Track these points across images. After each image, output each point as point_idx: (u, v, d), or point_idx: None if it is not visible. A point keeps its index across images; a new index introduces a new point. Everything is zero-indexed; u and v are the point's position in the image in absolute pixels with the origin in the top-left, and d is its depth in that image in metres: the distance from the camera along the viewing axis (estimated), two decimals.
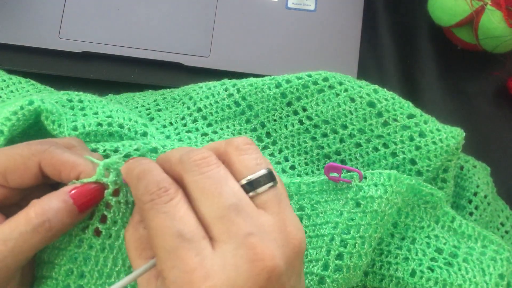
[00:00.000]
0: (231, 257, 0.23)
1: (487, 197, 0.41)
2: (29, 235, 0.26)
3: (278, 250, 0.23)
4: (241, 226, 0.23)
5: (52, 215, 0.26)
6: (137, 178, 0.25)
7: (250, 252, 0.23)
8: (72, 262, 0.28)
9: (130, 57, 0.47)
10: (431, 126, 0.37)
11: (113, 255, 0.29)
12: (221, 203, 0.24)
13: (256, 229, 0.23)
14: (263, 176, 0.25)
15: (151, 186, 0.24)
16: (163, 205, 0.24)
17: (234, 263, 0.23)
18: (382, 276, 0.34)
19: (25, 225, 0.26)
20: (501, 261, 0.34)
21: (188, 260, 0.23)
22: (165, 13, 0.48)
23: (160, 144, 0.34)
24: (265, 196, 0.25)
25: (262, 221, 0.24)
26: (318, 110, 0.38)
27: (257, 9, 0.49)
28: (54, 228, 0.26)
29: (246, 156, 0.26)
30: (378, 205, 0.31)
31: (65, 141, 0.30)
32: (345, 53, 0.49)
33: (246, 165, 0.25)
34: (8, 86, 0.44)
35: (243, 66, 0.47)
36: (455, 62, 0.52)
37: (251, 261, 0.23)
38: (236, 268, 0.23)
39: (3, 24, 0.47)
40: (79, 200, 0.27)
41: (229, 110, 0.40)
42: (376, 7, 0.53)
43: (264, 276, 0.23)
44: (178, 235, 0.23)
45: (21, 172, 0.27)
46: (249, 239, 0.23)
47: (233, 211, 0.24)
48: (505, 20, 0.44)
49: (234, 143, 0.26)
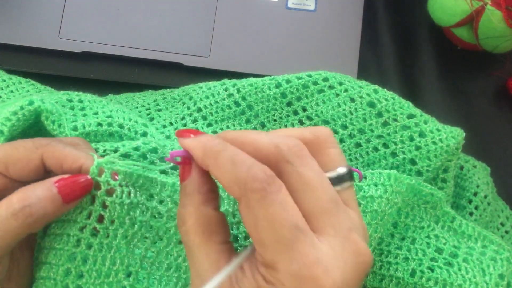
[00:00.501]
0: (341, 251, 0.23)
1: (487, 197, 0.41)
2: (9, 220, 0.25)
3: (367, 245, 0.24)
4: (344, 221, 0.23)
5: (34, 201, 0.25)
6: (231, 163, 0.23)
7: (355, 247, 0.23)
8: (70, 262, 0.28)
9: (130, 57, 0.47)
10: (431, 126, 0.37)
11: (110, 254, 0.29)
12: (325, 197, 0.23)
13: (353, 224, 0.24)
14: (346, 174, 0.25)
15: (258, 172, 0.22)
16: (276, 195, 0.22)
17: (343, 256, 0.23)
18: (382, 276, 0.34)
19: (5, 210, 0.25)
20: (501, 261, 0.34)
21: (307, 252, 0.22)
22: (165, 13, 0.48)
23: (160, 144, 0.34)
24: (348, 193, 0.25)
25: (353, 217, 0.24)
26: (318, 110, 0.38)
27: (257, 9, 0.49)
28: (35, 214, 0.25)
29: (333, 149, 0.25)
30: (378, 205, 0.31)
31: (70, 139, 0.31)
32: (345, 53, 0.49)
33: (333, 159, 0.25)
34: (8, 86, 0.44)
35: (243, 66, 0.47)
36: (455, 62, 0.51)
37: (356, 255, 0.23)
38: (346, 262, 0.23)
39: (3, 24, 0.47)
40: (64, 190, 0.26)
41: (229, 110, 0.40)
42: (376, 7, 0.53)
43: (365, 270, 0.24)
44: (295, 227, 0.22)
45: (23, 163, 0.27)
46: (352, 234, 0.23)
47: (335, 206, 0.24)
48: (505, 20, 0.44)
49: (322, 134, 0.26)
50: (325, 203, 0.23)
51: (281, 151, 0.24)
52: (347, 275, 0.23)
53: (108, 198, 0.28)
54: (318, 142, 0.25)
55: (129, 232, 0.29)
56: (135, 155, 0.34)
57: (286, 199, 0.23)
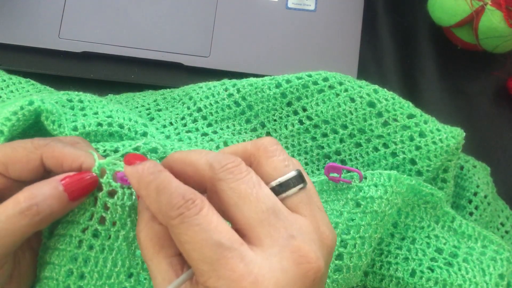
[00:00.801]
0: (278, 261, 0.23)
1: (487, 197, 0.41)
2: (16, 219, 0.25)
3: (319, 251, 0.24)
4: (282, 229, 0.23)
5: (40, 199, 0.26)
6: (156, 192, 0.24)
7: (295, 255, 0.23)
8: (72, 263, 0.28)
9: (130, 57, 0.47)
10: (431, 126, 0.37)
11: (112, 256, 0.29)
12: (260, 208, 0.23)
13: (296, 231, 0.23)
14: (293, 178, 0.25)
15: (176, 199, 0.23)
16: (194, 217, 0.23)
17: (281, 266, 0.22)
18: (382, 276, 0.34)
19: (12, 208, 0.25)
20: (501, 261, 0.34)
21: (234, 267, 0.22)
22: (165, 13, 0.48)
23: (160, 144, 0.34)
24: (296, 198, 0.25)
25: (299, 223, 0.24)
26: (318, 110, 0.38)
27: (257, 9, 0.49)
28: (42, 212, 0.26)
29: (275, 158, 0.25)
30: (378, 205, 0.31)
31: (69, 138, 0.31)
32: (345, 53, 0.49)
33: (275, 167, 0.25)
34: (8, 86, 0.44)
35: (243, 66, 0.47)
36: (455, 62, 0.51)
37: (297, 264, 0.23)
38: (284, 271, 0.22)
39: (3, 24, 0.47)
40: (69, 188, 0.26)
41: (229, 110, 0.40)
42: (376, 7, 0.53)
43: (311, 278, 0.23)
44: (218, 245, 0.22)
45: (23, 164, 0.27)
46: (292, 242, 0.23)
47: (272, 215, 0.23)
48: (505, 20, 0.44)
49: (262, 145, 0.26)
50: (260, 214, 0.23)
51: (213, 170, 0.24)
52: (286, 284, 0.22)
53: (109, 200, 0.28)
54: (259, 153, 0.26)
55: (131, 234, 0.29)
56: None
57: (206, 219, 0.23)
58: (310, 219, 0.25)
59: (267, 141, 0.26)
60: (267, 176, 0.25)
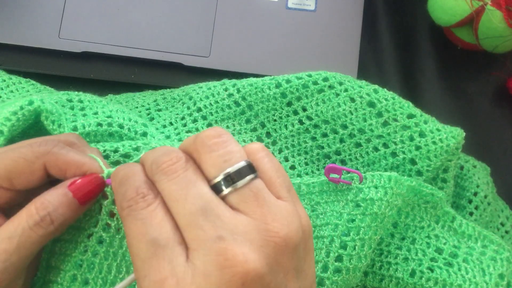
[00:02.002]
0: (201, 265, 0.22)
1: (487, 197, 0.41)
2: (32, 231, 0.26)
3: (254, 252, 0.22)
4: (209, 230, 0.22)
5: (52, 209, 0.26)
6: (119, 183, 0.25)
7: (220, 258, 0.21)
8: (76, 268, 0.28)
9: (130, 57, 0.47)
10: (431, 126, 0.37)
11: (116, 263, 0.29)
12: (187, 209, 0.22)
13: (226, 232, 0.22)
14: (235, 173, 0.23)
15: (129, 191, 0.24)
16: (139, 212, 0.23)
17: (204, 271, 0.21)
18: (382, 276, 0.34)
19: (27, 221, 0.26)
20: (501, 261, 0.34)
21: (160, 268, 0.22)
22: (165, 13, 0.48)
23: (160, 145, 0.34)
24: (239, 194, 0.23)
25: (235, 223, 0.22)
26: (318, 110, 0.38)
27: (257, 9, 0.49)
28: (55, 221, 0.26)
29: (214, 153, 0.24)
30: (378, 207, 0.31)
31: (63, 138, 0.30)
32: (345, 53, 0.49)
33: (213, 164, 0.24)
34: (8, 86, 0.44)
35: (243, 66, 0.47)
36: (455, 62, 0.51)
37: (221, 268, 0.21)
38: (206, 277, 0.21)
39: (3, 24, 0.47)
40: (78, 193, 0.27)
41: (229, 110, 0.40)
42: (376, 7, 0.53)
43: (238, 282, 0.21)
44: (153, 242, 0.22)
45: (27, 175, 0.27)
46: (218, 244, 0.22)
47: (201, 216, 0.22)
48: (505, 20, 0.44)
49: (199, 139, 0.24)
50: (188, 216, 0.22)
51: (150, 170, 0.24)
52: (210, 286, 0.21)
53: (115, 207, 0.28)
54: (197, 149, 0.24)
55: None
56: (135, 155, 0.34)
57: (151, 214, 0.23)
58: (254, 216, 0.23)
59: (206, 135, 0.24)
60: (207, 173, 0.24)
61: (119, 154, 0.33)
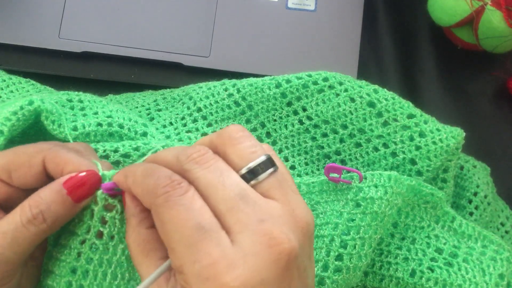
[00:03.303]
0: (249, 246, 0.23)
1: (487, 197, 0.41)
2: (24, 228, 0.26)
3: (292, 233, 0.23)
4: (251, 214, 0.23)
5: (45, 206, 0.26)
6: (142, 176, 0.25)
7: (266, 238, 0.23)
8: (71, 275, 0.28)
9: (130, 57, 0.47)
10: (431, 126, 0.37)
11: (111, 270, 0.28)
12: (227, 195, 0.24)
13: (266, 215, 0.23)
14: (261, 164, 0.25)
15: (163, 179, 0.24)
16: (179, 197, 0.23)
17: (253, 250, 0.22)
18: (382, 276, 0.34)
19: (20, 218, 0.26)
20: (501, 261, 0.34)
21: (210, 252, 0.22)
22: (165, 13, 0.48)
23: (160, 144, 0.34)
24: (266, 183, 0.25)
25: (269, 207, 0.24)
26: (318, 110, 0.38)
27: (257, 9, 0.49)
28: (48, 219, 0.26)
29: (240, 145, 0.25)
30: (378, 206, 0.31)
31: (72, 145, 0.30)
32: (345, 53, 0.49)
33: (242, 154, 0.25)
34: (8, 86, 0.44)
35: (243, 66, 0.47)
36: (455, 62, 0.51)
37: (269, 247, 0.23)
38: (257, 255, 0.22)
39: (3, 24, 0.47)
40: (73, 191, 0.26)
41: (229, 110, 0.40)
42: (376, 7, 0.53)
43: (284, 259, 0.23)
44: (198, 227, 0.23)
45: (26, 169, 0.27)
46: (262, 226, 0.23)
47: (240, 201, 0.24)
48: (505, 20, 0.44)
49: (226, 133, 0.26)
50: (228, 201, 0.23)
51: (179, 162, 0.25)
52: (258, 268, 0.22)
53: (107, 214, 0.27)
54: (224, 142, 0.26)
55: None
56: (135, 155, 0.34)
57: (191, 200, 0.23)
58: (283, 203, 0.24)
59: (232, 129, 0.26)
60: (235, 164, 0.25)
61: (119, 154, 0.33)
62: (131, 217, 0.27)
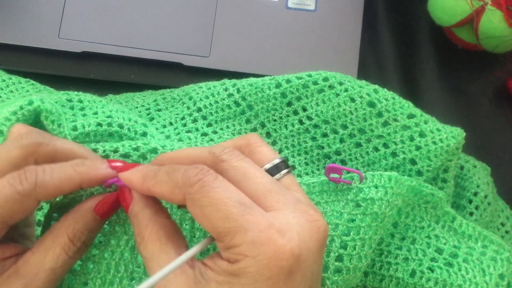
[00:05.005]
0: (293, 219, 0.25)
1: (488, 197, 0.41)
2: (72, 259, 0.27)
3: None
4: (289, 197, 0.26)
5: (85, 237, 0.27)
6: (167, 174, 0.26)
7: (306, 215, 0.25)
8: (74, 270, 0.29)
9: (130, 57, 0.47)
10: (431, 126, 0.36)
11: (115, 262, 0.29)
12: (265, 180, 0.26)
13: (300, 200, 0.26)
14: (281, 163, 0.28)
15: (191, 171, 0.25)
16: (213, 181, 0.24)
17: (297, 222, 0.25)
18: (382, 276, 0.34)
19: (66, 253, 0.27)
20: (501, 261, 0.34)
21: (260, 221, 0.24)
22: (165, 13, 0.48)
23: (160, 144, 0.34)
24: (287, 179, 0.28)
25: (298, 195, 0.27)
26: (318, 110, 0.38)
27: (257, 9, 0.49)
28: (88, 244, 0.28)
29: (264, 147, 0.29)
30: (378, 207, 0.31)
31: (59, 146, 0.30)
32: (345, 53, 0.49)
33: (266, 154, 0.28)
34: (8, 86, 0.44)
35: (243, 66, 0.47)
36: (455, 62, 0.51)
37: (310, 222, 0.25)
38: (302, 227, 0.25)
39: (3, 24, 0.47)
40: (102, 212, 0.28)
41: (229, 110, 0.40)
42: (376, 7, 0.53)
43: (322, 234, 0.25)
44: (240, 203, 0.24)
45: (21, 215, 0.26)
46: (301, 205, 0.26)
47: (276, 186, 0.26)
48: (505, 20, 0.44)
49: (251, 137, 0.29)
50: (267, 185, 0.26)
51: (215, 154, 0.27)
52: (304, 235, 0.24)
53: None
54: (249, 143, 0.29)
55: (133, 239, 0.29)
56: (135, 155, 0.34)
57: (225, 183, 0.25)
58: (303, 194, 0.28)
59: (255, 135, 0.30)
60: (260, 162, 0.28)
61: (119, 154, 0.33)
62: (146, 208, 0.27)
